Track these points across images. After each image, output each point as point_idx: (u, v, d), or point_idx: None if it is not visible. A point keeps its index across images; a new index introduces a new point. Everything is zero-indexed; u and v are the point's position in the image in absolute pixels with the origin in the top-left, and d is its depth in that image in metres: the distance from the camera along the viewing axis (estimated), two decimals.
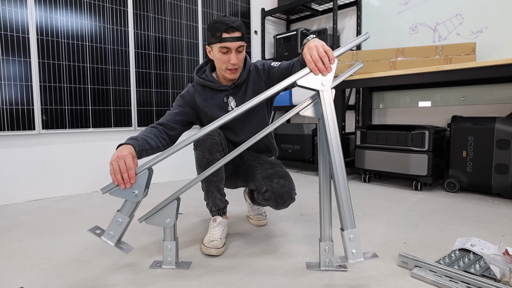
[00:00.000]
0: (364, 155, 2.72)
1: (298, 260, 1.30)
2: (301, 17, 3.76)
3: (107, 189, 1.09)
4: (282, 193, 1.37)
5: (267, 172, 1.44)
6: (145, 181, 1.10)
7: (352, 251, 1.03)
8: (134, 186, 1.09)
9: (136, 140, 1.21)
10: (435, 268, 1.14)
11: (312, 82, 1.07)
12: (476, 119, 2.26)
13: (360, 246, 1.03)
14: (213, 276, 1.17)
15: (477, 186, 2.26)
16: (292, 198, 1.40)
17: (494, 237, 1.52)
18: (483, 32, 2.48)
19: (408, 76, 2.32)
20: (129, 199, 1.11)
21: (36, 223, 1.80)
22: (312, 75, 1.07)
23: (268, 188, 1.38)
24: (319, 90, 1.08)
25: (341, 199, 1.07)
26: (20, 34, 2.15)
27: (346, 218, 1.06)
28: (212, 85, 1.45)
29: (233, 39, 1.31)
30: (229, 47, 1.32)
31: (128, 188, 1.09)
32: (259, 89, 1.47)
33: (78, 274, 1.21)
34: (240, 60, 1.37)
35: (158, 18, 2.77)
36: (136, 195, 1.10)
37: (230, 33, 1.31)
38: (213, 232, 1.40)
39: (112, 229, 1.12)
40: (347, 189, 1.07)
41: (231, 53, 1.34)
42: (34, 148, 2.28)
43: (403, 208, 2.00)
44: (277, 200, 1.37)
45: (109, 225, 1.12)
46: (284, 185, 1.38)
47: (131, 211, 1.13)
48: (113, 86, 2.56)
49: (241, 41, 1.33)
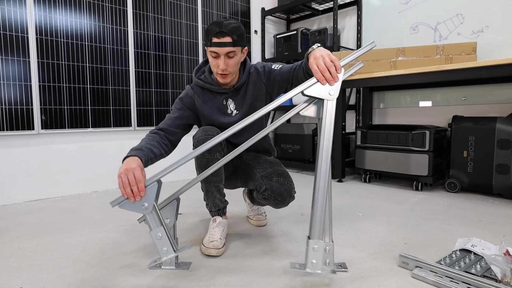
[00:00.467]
0: (365, 155, 2.72)
1: (298, 260, 1.30)
2: (301, 16, 3.76)
3: (116, 202, 1.06)
4: (281, 191, 1.37)
5: (266, 171, 1.44)
6: (155, 194, 1.07)
7: (312, 261, 1.03)
8: (144, 198, 1.06)
9: (142, 151, 1.20)
10: (436, 269, 1.14)
11: (319, 92, 1.08)
12: (477, 119, 2.26)
13: (320, 258, 1.03)
14: (212, 276, 1.17)
15: (478, 186, 2.26)
16: (292, 197, 1.40)
17: (495, 237, 1.52)
18: (484, 32, 2.48)
19: (409, 75, 2.32)
20: (139, 212, 1.07)
21: (35, 223, 1.80)
22: (319, 84, 1.08)
23: (268, 186, 1.38)
24: (325, 99, 1.08)
25: (316, 208, 1.06)
26: (19, 33, 2.15)
27: (315, 228, 1.06)
28: (211, 88, 1.44)
29: (222, 44, 1.28)
30: (217, 52, 1.30)
31: (138, 201, 1.06)
32: (259, 92, 1.47)
33: (78, 274, 1.21)
34: (230, 66, 1.33)
35: (158, 17, 2.77)
36: (146, 207, 1.06)
37: (220, 38, 1.28)
38: (212, 232, 1.40)
39: (161, 246, 1.07)
40: (324, 200, 1.06)
41: (220, 58, 1.31)
42: (33, 148, 2.28)
43: (403, 208, 2.00)
44: (277, 199, 1.38)
45: (157, 247, 1.08)
46: (284, 183, 1.38)
47: (158, 220, 1.08)
48: (112, 86, 2.56)
49: (231, 46, 1.29)
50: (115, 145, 2.64)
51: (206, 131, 1.35)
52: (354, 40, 3.28)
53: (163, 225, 1.08)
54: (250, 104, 1.46)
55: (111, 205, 1.07)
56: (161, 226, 1.07)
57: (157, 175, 1.08)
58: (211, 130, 1.36)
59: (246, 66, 1.48)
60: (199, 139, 1.34)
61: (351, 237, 1.54)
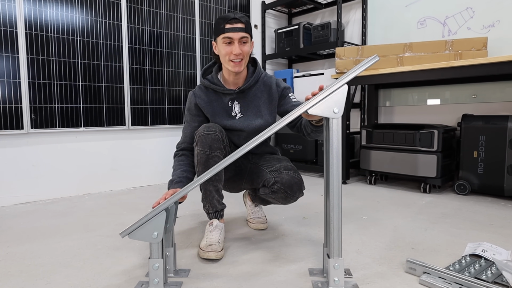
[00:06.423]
0: (370, 156, 2.72)
1: (301, 266, 1.30)
2: (303, 10, 3.76)
3: (126, 233, 1.11)
4: (292, 184, 1.40)
5: (275, 166, 1.48)
6: (164, 222, 1.10)
7: (334, 279, 1.11)
8: (153, 227, 1.10)
9: (182, 183, 1.38)
10: (445, 275, 1.14)
11: (324, 111, 1.10)
12: (487, 118, 2.26)
13: (341, 275, 1.11)
14: (211, 281, 1.17)
15: (489, 189, 2.26)
16: (301, 191, 1.44)
17: (507, 242, 1.52)
18: (495, 26, 2.48)
19: (416, 72, 2.32)
20: (148, 241, 1.11)
21: (25, 227, 1.80)
22: (324, 103, 1.09)
23: (278, 179, 1.41)
24: (330, 117, 1.11)
25: (332, 227, 1.12)
26: (8, 28, 2.15)
27: (334, 247, 1.12)
28: (216, 88, 1.50)
29: (236, 29, 1.38)
30: (232, 37, 1.39)
31: (148, 229, 1.10)
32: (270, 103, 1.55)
33: (69, 281, 1.21)
34: (244, 52, 1.41)
35: (153, 11, 2.77)
36: (156, 237, 1.10)
37: (233, 24, 1.37)
38: (210, 236, 1.41)
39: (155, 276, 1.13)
40: (340, 217, 1.12)
41: (234, 44, 1.40)
42: (23, 148, 2.28)
43: (410, 211, 2.00)
44: (287, 191, 1.40)
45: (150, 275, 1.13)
46: (294, 176, 1.42)
47: (160, 252, 1.13)
48: (105, 83, 2.56)
49: (244, 32, 1.39)
50: (108, 145, 2.64)
51: (208, 127, 1.41)
52: (359, 35, 3.28)
53: (163, 258, 1.13)
54: (257, 111, 1.53)
55: (120, 236, 1.13)
56: (161, 259, 1.12)
57: (165, 203, 1.11)
58: (213, 127, 1.42)
59: (256, 69, 1.55)
60: (200, 134, 1.39)
61: (356, 241, 1.54)
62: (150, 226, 1.10)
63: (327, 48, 3.06)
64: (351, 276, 1.21)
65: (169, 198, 1.12)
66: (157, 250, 1.12)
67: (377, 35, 3.13)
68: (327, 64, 3.61)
